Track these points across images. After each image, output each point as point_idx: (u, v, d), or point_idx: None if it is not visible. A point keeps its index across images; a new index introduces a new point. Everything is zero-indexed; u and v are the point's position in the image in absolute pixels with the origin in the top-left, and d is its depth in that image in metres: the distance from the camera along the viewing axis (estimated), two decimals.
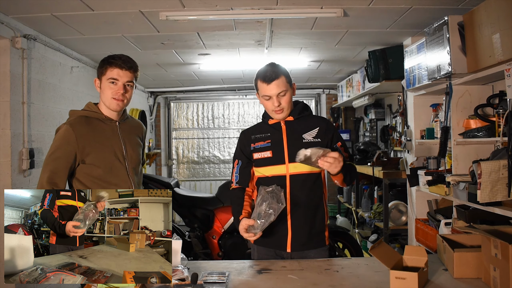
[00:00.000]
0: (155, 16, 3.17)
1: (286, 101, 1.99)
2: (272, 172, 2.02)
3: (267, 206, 1.76)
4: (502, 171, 2.36)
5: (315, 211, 2.02)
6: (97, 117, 2.07)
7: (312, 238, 2.02)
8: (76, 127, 2.00)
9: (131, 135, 2.17)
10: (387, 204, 4.24)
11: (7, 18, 3.09)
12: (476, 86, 3.11)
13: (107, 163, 2.03)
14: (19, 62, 3.24)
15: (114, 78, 2.00)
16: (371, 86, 4.61)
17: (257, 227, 1.79)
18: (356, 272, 1.81)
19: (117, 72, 1.99)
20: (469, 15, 2.72)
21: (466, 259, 1.69)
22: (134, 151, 2.14)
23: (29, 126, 3.33)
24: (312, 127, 2.05)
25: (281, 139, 2.02)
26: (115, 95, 2.01)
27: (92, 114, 2.07)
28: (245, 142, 2.11)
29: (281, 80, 1.97)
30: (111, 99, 2.02)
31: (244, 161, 2.10)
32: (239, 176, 2.11)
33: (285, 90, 1.97)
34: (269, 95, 1.98)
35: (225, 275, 1.73)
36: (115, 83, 2.00)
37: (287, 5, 3.06)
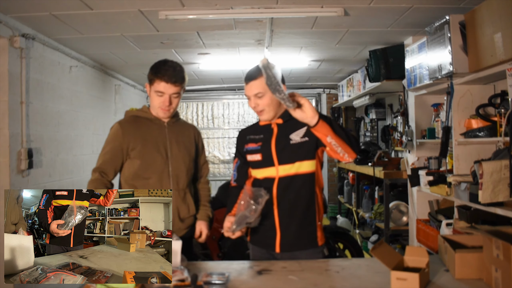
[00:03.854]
0: (155, 15, 3.15)
1: (265, 103, 1.94)
2: (263, 174, 2.02)
3: (245, 206, 1.80)
4: (503, 171, 2.35)
5: (305, 211, 1.99)
6: (146, 117, 2.21)
7: (301, 238, 1.99)
8: (124, 125, 2.18)
9: (180, 136, 2.26)
10: (388, 204, 4.22)
11: (5, 17, 3.08)
12: (477, 85, 3.10)
13: (148, 157, 2.15)
14: (17, 62, 3.23)
15: (160, 91, 2.11)
16: (371, 85, 4.60)
17: (235, 225, 1.87)
18: (356, 273, 1.79)
19: (164, 86, 2.10)
20: (471, 14, 2.71)
21: (467, 259, 1.68)
22: (180, 151, 2.23)
23: (27, 126, 3.32)
24: (300, 126, 1.97)
25: (270, 143, 2.01)
26: (162, 106, 2.14)
27: (142, 114, 2.23)
28: (241, 142, 2.12)
29: (259, 81, 1.92)
30: (158, 108, 2.16)
31: (241, 160, 2.11)
32: (237, 175, 2.12)
33: (262, 92, 1.92)
34: (247, 95, 1.97)
35: (224, 276, 1.72)
36: (161, 95, 2.12)
37: (287, 4, 3.05)
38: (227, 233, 1.92)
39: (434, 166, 3.40)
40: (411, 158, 3.98)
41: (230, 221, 1.93)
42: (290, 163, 1.96)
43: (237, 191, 2.08)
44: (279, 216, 1.97)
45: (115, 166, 2.17)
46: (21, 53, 3.24)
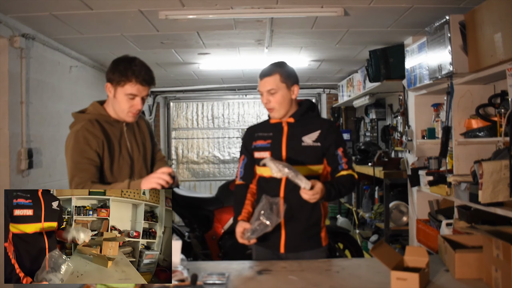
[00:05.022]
0: (155, 15, 3.15)
1: (277, 100, 1.96)
2: (270, 173, 1.99)
3: (266, 217, 1.79)
4: (503, 171, 2.35)
5: (310, 213, 1.99)
6: (105, 120, 1.99)
7: (307, 240, 2.00)
8: (89, 129, 1.92)
9: (136, 135, 2.10)
10: (388, 204, 4.22)
11: (5, 17, 3.07)
12: (477, 85, 3.10)
13: (115, 166, 1.97)
14: (17, 62, 3.23)
15: (133, 94, 1.92)
16: (371, 85, 4.60)
17: (252, 233, 1.84)
18: (356, 272, 1.79)
19: (138, 89, 1.91)
20: (471, 14, 2.71)
21: (467, 259, 1.68)
22: (140, 152, 2.07)
23: (27, 126, 3.32)
24: (314, 129, 2.00)
25: (280, 141, 2.01)
26: (133, 110, 1.95)
27: (101, 117, 1.98)
28: (248, 138, 2.10)
29: (273, 78, 1.96)
30: (127, 113, 1.96)
31: (248, 157, 2.09)
32: (243, 172, 2.11)
33: (276, 89, 1.95)
34: (260, 91, 1.99)
35: (224, 276, 1.72)
36: (133, 98, 1.93)
37: (287, 4, 3.05)
38: (242, 240, 1.90)
39: (434, 166, 3.40)
40: (411, 158, 3.98)
41: (244, 227, 1.90)
42: (299, 165, 1.94)
43: (243, 190, 2.08)
44: (285, 217, 1.96)
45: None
46: (21, 53, 3.24)
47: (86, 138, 1.89)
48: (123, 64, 1.94)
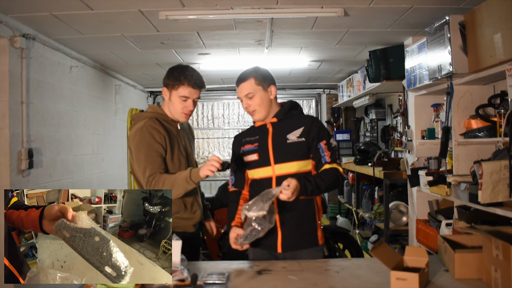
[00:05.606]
0: (155, 15, 3.16)
1: (256, 103, 2.02)
2: (259, 174, 2.04)
3: (258, 223, 1.80)
4: (503, 171, 2.35)
5: (304, 211, 2.02)
6: (163, 119, 2.21)
7: (303, 238, 2.02)
8: (155, 126, 2.14)
9: (188, 134, 2.37)
10: (387, 204, 4.22)
11: (5, 17, 3.08)
12: (477, 86, 3.10)
13: (176, 161, 2.17)
14: (18, 62, 3.23)
15: (186, 96, 2.15)
16: (371, 86, 4.60)
17: (244, 239, 1.87)
18: (356, 273, 1.80)
19: (189, 91, 2.16)
20: (470, 14, 2.71)
21: (467, 260, 1.68)
22: (192, 149, 2.36)
23: (28, 126, 3.32)
24: (297, 126, 2.05)
25: (266, 142, 2.05)
26: (185, 111, 2.18)
27: (160, 116, 2.21)
28: (236, 146, 2.18)
29: (248, 82, 2.03)
30: (180, 113, 2.19)
31: (238, 164, 2.14)
32: (234, 179, 2.17)
33: (253, 92, 2.02)
34: (239, 97, 2.07)
35: (224, 276, 1.73)
36: (185, 100, 2.16)
37: (287, 5, 3.05)
38: (235, 245, 1.94)
39: (434, 166, 3.40)
40: (411, 158, 3.98)
41: (237, 232, 1.93)
42: (287, 162, 1.99)
43: (236, 196, 2.13)
44: (280, 216, 1.98)
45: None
46: (21, 53, 3.24)
47: (151, 133, 2.10)
48: (177, 70, 2.20)
